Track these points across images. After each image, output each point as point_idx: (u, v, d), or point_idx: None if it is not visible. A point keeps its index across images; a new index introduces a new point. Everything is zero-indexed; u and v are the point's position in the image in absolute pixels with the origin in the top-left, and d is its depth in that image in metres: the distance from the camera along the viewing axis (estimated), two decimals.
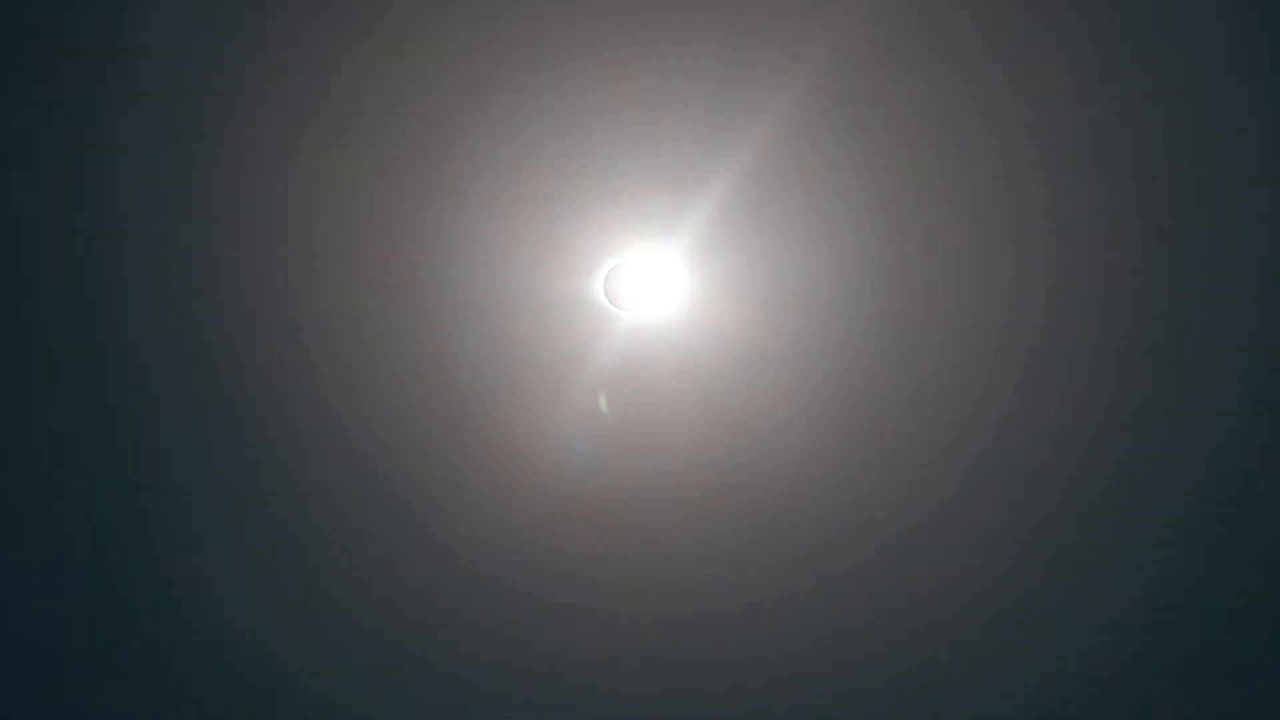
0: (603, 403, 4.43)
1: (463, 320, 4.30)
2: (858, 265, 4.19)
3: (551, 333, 4.32)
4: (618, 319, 4.33)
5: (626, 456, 4.52)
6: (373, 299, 4.25)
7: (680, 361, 4.36)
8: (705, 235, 4.15)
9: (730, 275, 4.22)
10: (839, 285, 4.22)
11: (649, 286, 4.27)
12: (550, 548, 4.69)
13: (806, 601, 4.79)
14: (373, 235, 4.17)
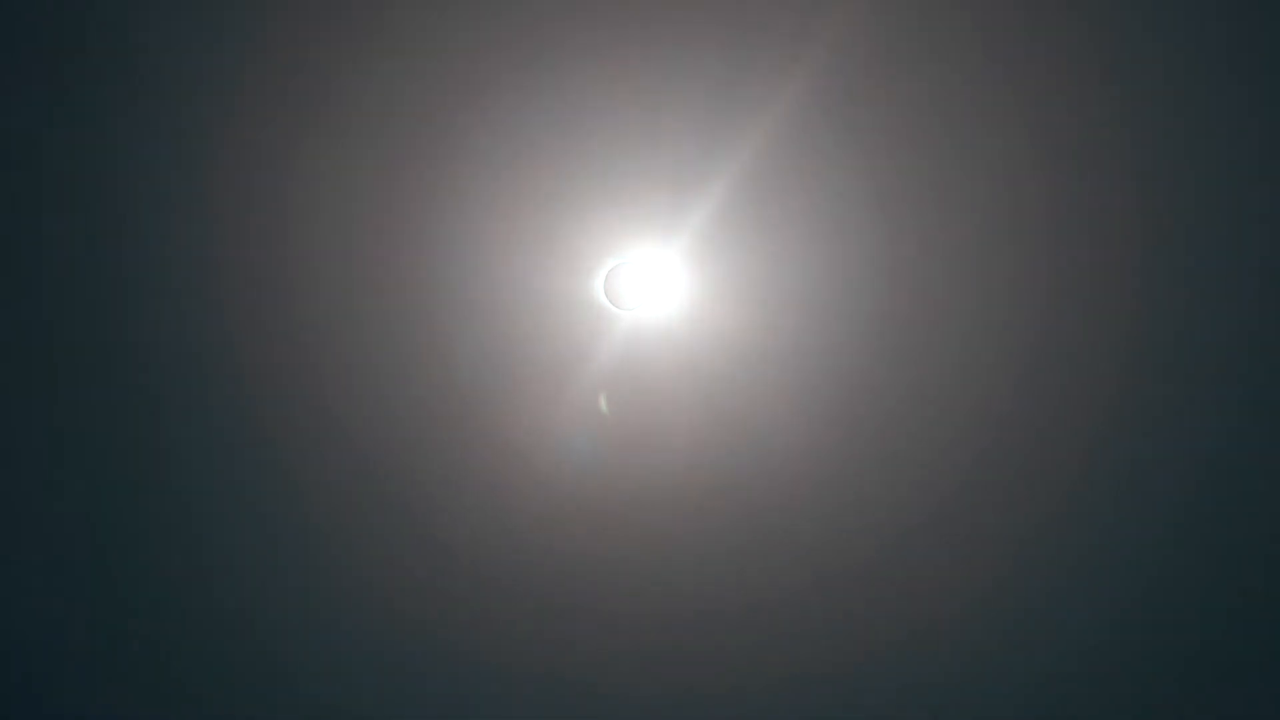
0: (603, 403, 4.43)
1: (463, 320, 4.30)
2: (858, 265, 4.19)
3: (551, 333, 4.32)
4: (618, 319, 4.33)
5: (626, 456, 4.52)
6: (373, 299, 4.26)
7: (680, 361, 4.36)
8: (705, 235, 4.15)
9: (730, 275, 4.22)
10: (839, 285, 4.22)
11: (649, 286, 4.27)
12: (550, 548, 4.69)
13: (806, 601, 4.79)
14: (373, 235, 4.17)
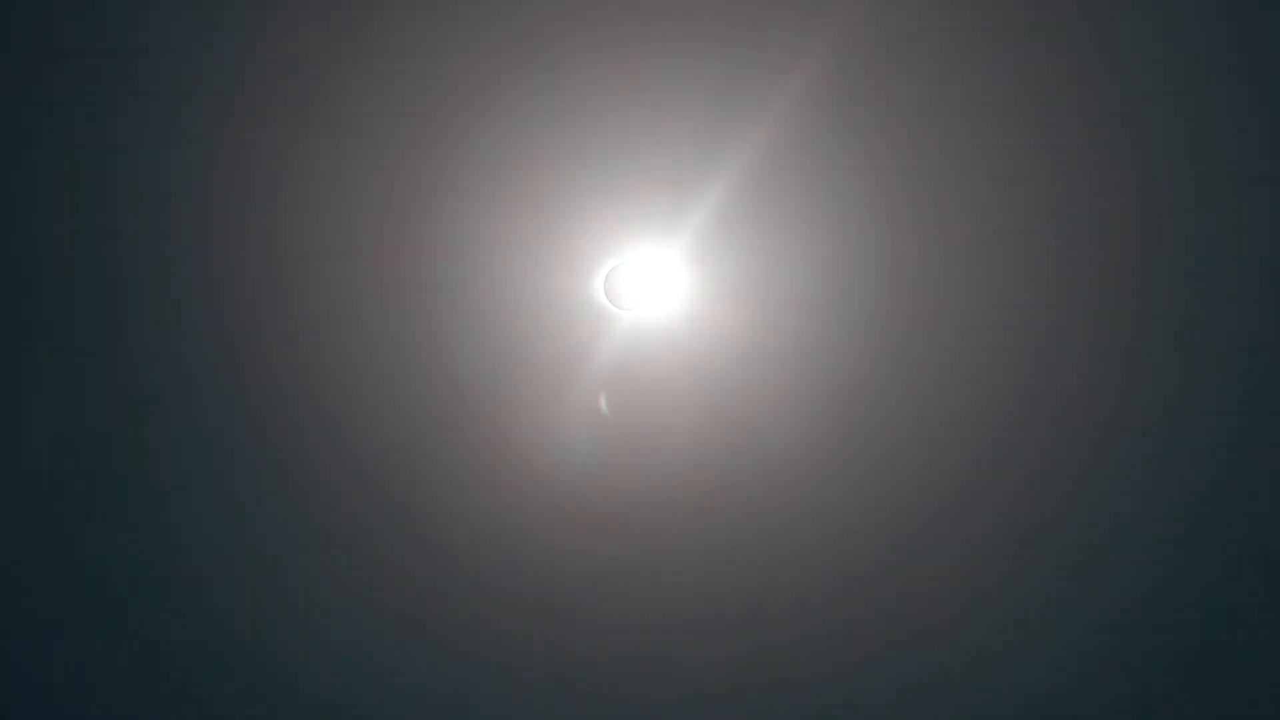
0: (603, 403, 4.43)
1: (463, 320, 4.30)
2: (858, 265, 4.19)
3: (551, 333, 4.32)
4: (618, 319, 4.32)
5: (626, 456, 4.52)
6: (373, 299, 4.25)
7: (680, 361, 4.36)
8: (705, 235, 4.15)
9: (730, 275, 4.22)
10: (839, 285, 4.22)
11: (649, 286, 4.26)
12: (550, 547, 4.69)
13: (807, 602, 4.79)
14: (372, 235, 4.17)
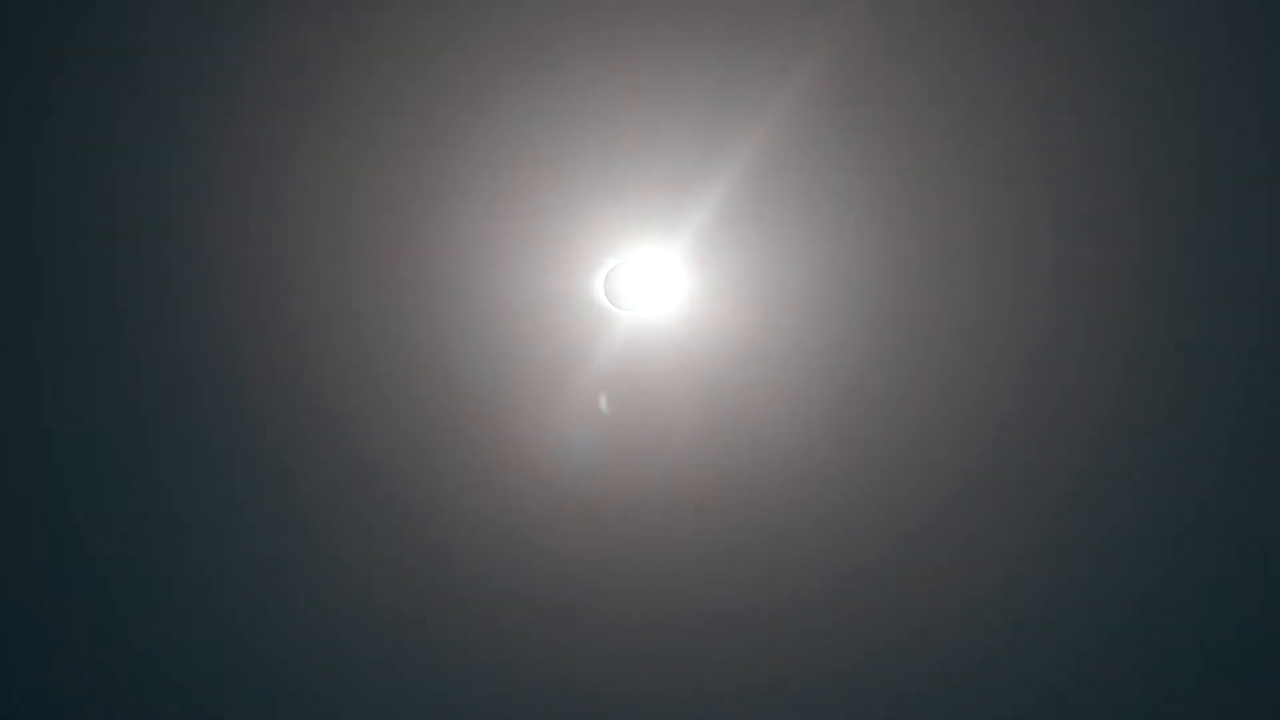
0: (603, 403, 4.43)
1: (463, 320, 4.30)
2: (858, 265, 4.19)
3: (551, 333, 4.32)
4: (618, 319, 4.32)
5: (626, 456, 4.52)
6: (373, 299, 4.26)
7: (680, 361, 4.36)
8: (705, 235, 4.15)
9: (730, 275, 4.22)
10: (839, 285, 4.22)
11: (649, 286, 4.26)
12: (550, 547, 4.69)
13: (807, 602, 4.79)
14: (372, 235, 4.17)
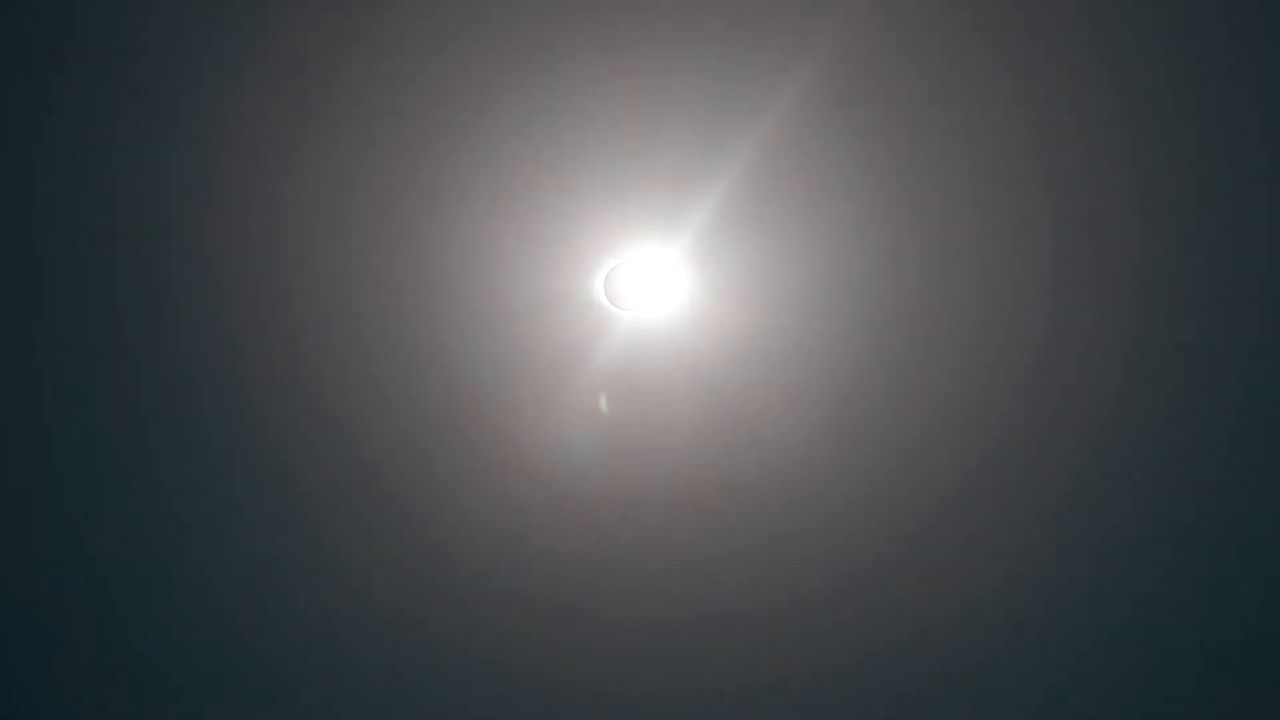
0: (603, 403, 4.43)
1: (463, 320, 4.30)
2: (859, 264, 4.18)
3: (551, 333, 4.32)
4: (618, 319, 4.32)
5: (626, 456, 4.52)
6: (373, 299, 4.26)
7: (680, 361, 4.36)
8: (705, 235, 4.15)
9: (730, 275, 4.22)
10: (840, 285, 4.22)
11: (649, 286, 4.26)
12: (550, 547, 4.69)
13: (807, 602, 4.78)
14: (372, 235, 4.17)
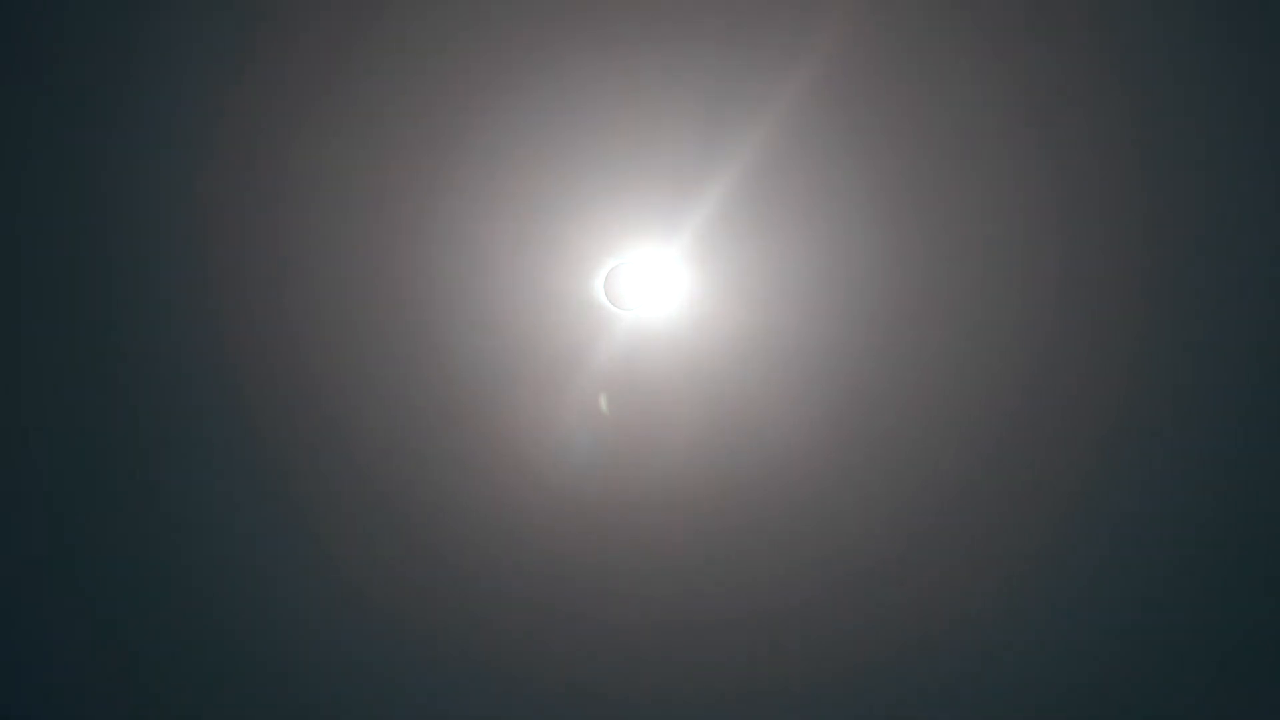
0: (603, 403, 4.43)
1: (463, 320, 4.30)
2: (859, 265, 4.18)
3: (551, 333, 4.32)
4: (618, 319, 4.32)
5: (626, 456, 4.52)
6: (372, 299, 4.26)
7: (680, 361, 4.36)
8: (705, 235, 4.15)
9: (730, 275, 4.22)
10: (840, 285, 4.21)
11: (649, 286, 4.26)
12: (549, 548, 4.69)
13: (808, 603, 4.78)
14: (372, 235, 4.17)
